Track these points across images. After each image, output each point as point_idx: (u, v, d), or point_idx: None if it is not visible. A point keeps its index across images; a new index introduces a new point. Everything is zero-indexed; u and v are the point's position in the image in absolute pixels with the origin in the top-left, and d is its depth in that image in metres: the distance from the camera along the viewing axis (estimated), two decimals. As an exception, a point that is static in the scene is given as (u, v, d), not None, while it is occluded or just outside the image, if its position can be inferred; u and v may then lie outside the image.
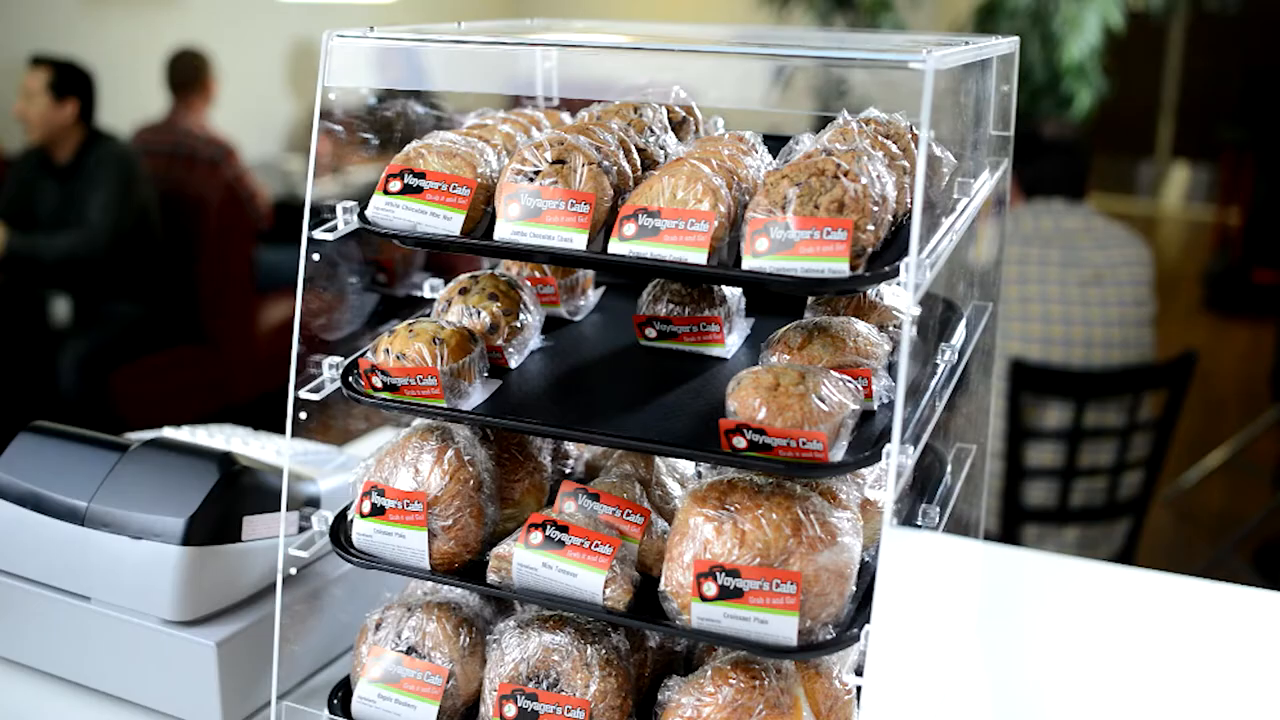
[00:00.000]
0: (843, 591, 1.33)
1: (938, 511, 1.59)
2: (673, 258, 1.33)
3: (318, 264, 1.54)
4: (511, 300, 1.56)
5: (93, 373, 5.19)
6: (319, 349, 1.57)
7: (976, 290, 1.81)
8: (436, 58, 1.62)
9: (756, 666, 1.38)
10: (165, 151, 5.81)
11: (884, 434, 1.35)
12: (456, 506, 1.45)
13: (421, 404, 1.44)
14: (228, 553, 1.61)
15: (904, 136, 1.51)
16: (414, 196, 1.44)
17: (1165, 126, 12.67)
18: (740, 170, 1.42)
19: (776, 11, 7.10)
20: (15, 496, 1.70)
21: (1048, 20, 6.34)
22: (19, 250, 5.00)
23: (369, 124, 1.81)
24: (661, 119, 1.57)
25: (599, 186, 1.39)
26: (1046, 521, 3.92)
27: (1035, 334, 3.89)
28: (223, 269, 5.62)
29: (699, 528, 1.33)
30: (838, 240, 1.27)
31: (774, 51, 1.49)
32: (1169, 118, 12.62)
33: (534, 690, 1.43)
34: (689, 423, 1.42)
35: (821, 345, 1.46)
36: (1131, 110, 11.54)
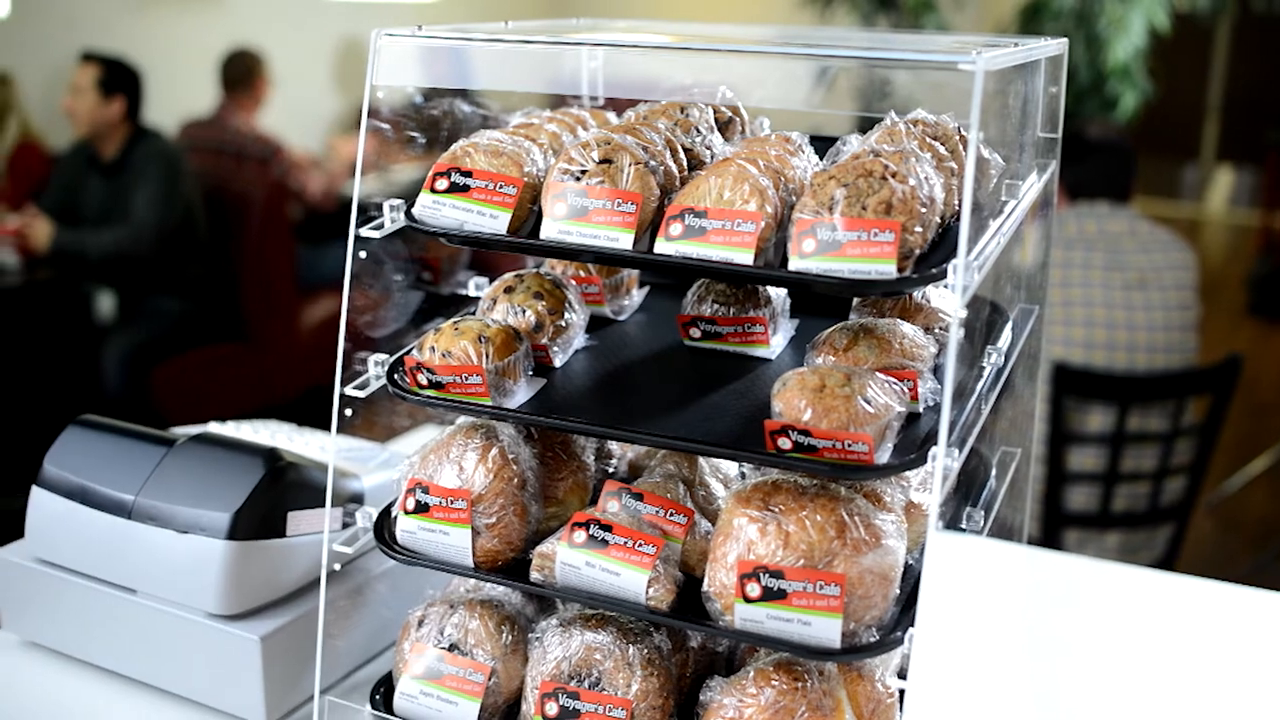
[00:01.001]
0: (886, 594, 1.33)
1: (982, 515, 1.58)
2: (719, 258, 1.33)
3: (364, 262, 1.55)
4: (556, 299, 1.57)
5: (136, 368, 5.23)
6: (364, 346, 1.58)
7: (1023, 293, 1.80)
8: (484, 57, 1.62)
9: (799, 668, 1.37)
10: (212, 148, 5.85)
11: (929, 437, 1.35)
12: (500, 504, 1.45)
13: (466, 402, 1.44)
14: (272, 548, 1.62)
15: (952, 138, 1.50)
16: (461, 195, 1.45)
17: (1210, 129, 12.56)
18: (787, 171, 1.41)
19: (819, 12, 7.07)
20: (64, 490, 1.72)
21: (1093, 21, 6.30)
22: (65, 246, 5.05)
23: (415, 122, 1.81)
24: (708, 119, 1.57)
25: (645, 186, 1.39)
26: (1088, 526, 3.89)
27: (1078, 338, 3.86)
28: (265, 266, 5.65)
29: (743, 528, 1.33)
30: (885, 242, 1.27)
31: (822, 52, 1.48)
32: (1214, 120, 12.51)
33: (576, 689, 1.43)
34: (733, 423, 1.42)
35: (867, 347, 1.45)
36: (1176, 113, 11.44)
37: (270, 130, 6.23)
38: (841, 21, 7.12)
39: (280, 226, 5.67)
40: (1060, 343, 3.88)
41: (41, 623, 1.78)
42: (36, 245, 5.00)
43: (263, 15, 7.30)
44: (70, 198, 5.29)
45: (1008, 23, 6.89)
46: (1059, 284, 3.89)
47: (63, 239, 5.05)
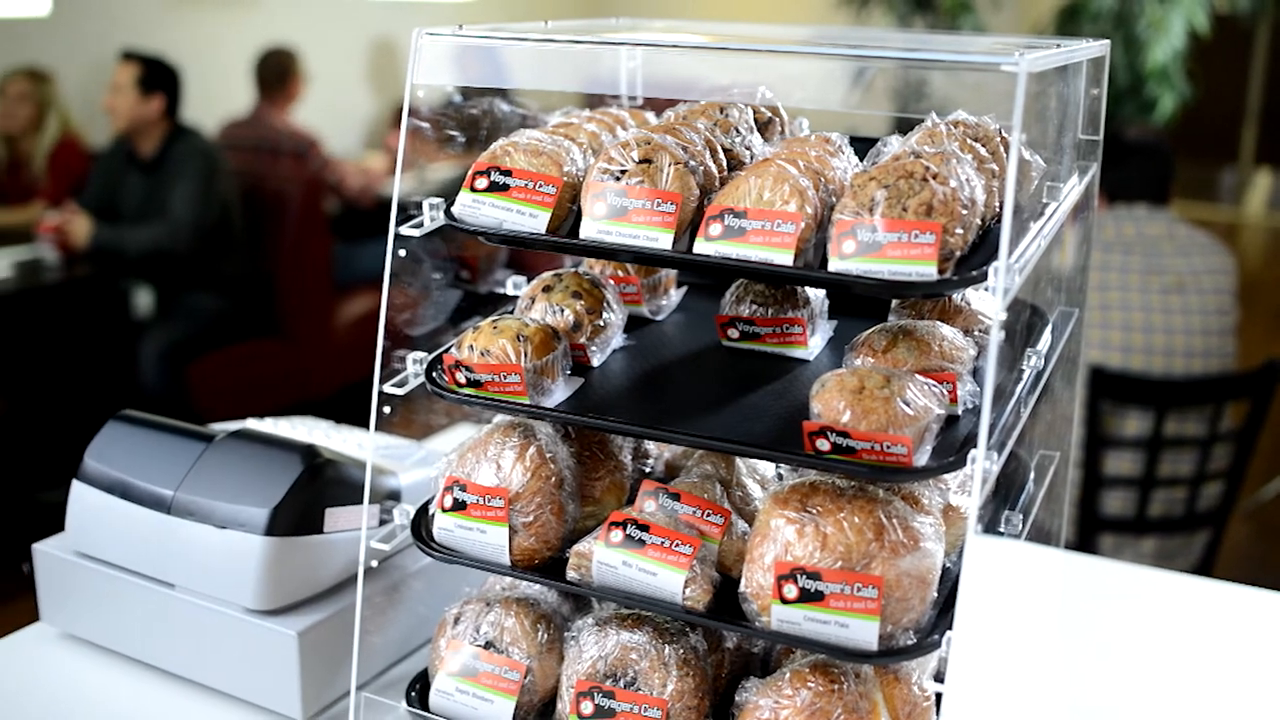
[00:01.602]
0: (924, 597, 1.32)
1: (1020, 519, 1.57)
2: (758, 259, 1.33)
3: (403, 260, 1.55)
4: (595, 299, 1.57)
5: (173, 364, 5.27)
6: (403, 344, 1.58)
7: (1063, 295, 1.79)
8: (523, 56, 1.63)
9: (835, 670, 1.37)
10: (250, 146, 5.89)
11: (968, 439, 1.34)
12: (538, 503, 1.45)
13: (505, 400, 1.44)
14: (310, 544, 1.62)
15: (993, 139, 1.49)
16: (500, 194, 1.45)
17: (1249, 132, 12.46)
18: (827, 172, 1.41)
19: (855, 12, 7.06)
20: (104, 484, 1.73)
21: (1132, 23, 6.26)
22: (104, 243, 5.09)
23: (454, 121, 1.82)
24: (748, 119, 1.57)
25: (685, 186, 1.39)
26: (1124, 531, 3.86)
27: (1115, 341, 3.84)
28: (302, 263, 5.68)
29: (780, 529, 1.32)
30: (925, 243, 1.26)
31: (864, 53, 1.48)
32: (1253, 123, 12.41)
33: (611, 688, 1.43)
34: (771, 424, 1.41)
35: (906, 349, 1.45)
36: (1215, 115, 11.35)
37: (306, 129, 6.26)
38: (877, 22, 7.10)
39: (317, 224, 5.70)
40: (1097, 346, 3.86)
41: (80, 615, 1.80)
42: (76, 241, 5.04)
43: (299, 15, 7.34)
44: (109, 195, 5.34)
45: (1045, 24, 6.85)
46: (1096, 287, 3.86)
47: (102, 235, 5.09)
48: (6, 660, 1.79)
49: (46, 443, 5.20)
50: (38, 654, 1.80)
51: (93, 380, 5.31)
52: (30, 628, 1.86)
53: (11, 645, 1.82)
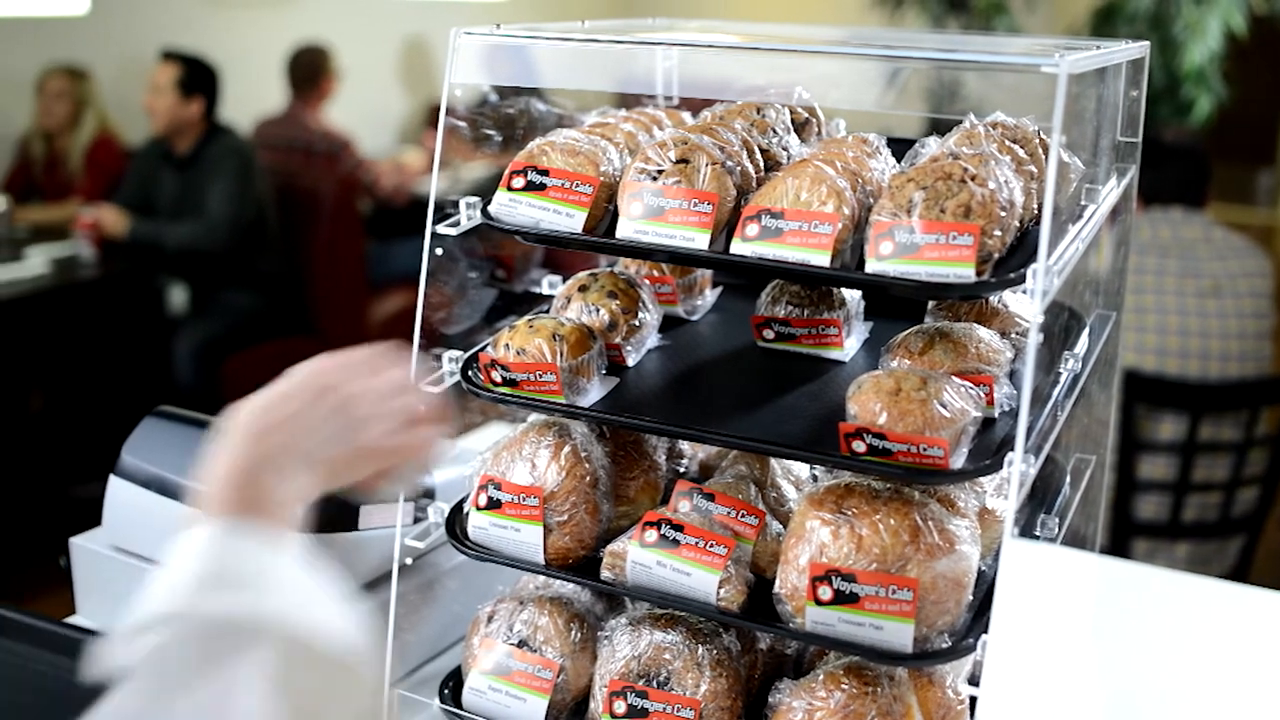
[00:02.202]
0: (960, 600, 1.31)
1: (1056, 522, 1.56)
2: (795, 259, 1.33)
3: (439, 258, 1.56)
4: (630, 298, 1.57)
5: (207, 361, 5.29)
6: (438, 342, 1.59)
7: (1100, 299, 1.78)
8: (560, 56, 1.63)
9: (869, 672, 1.37)
10: (283, 145, 5.91)
11: (1005, 442, 1.34)
12: (572, 502, 1.45)
13: (540, 400, 1.45)
14: (344, 541, 1.63)
15: (1031, 141, 1.49)
16: (537, 193, 1.45)
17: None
18: (864, 173, 1.41)
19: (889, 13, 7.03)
20: (141, 479, 1.74)
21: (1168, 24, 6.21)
22: (141, 237, 5.12)
23: (490, 120, 1.82)
24: (784, 120, 1.57)
25: (722, 187, 1.39)
26: (1157, 536, 3.84)
27: (1150, 344, 3.81)
28: (335, 261, 5.70)
29: (815, 531, 1.32)
30: (964, 245, 1.26)
31: (903, 54, 1.47)
32: (1290, 126, 12.29)
33: (644, 688, 1.43)
34: (806, 425, 1.41)
35: (943, 351, 1.44)
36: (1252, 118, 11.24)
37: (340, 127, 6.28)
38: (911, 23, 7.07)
39: (350, 222, 5.72)
40: (1132, 349, 3.83)
41: (116, 609, 1.80)
42: (114, 233, 5.07)
43: (333, 13, 7.36)
44: (144, 192, 5.37)
45: (1080, 25, 6.81)
46: (1132, 290, 3.84)
47: (139, 230, 5.12)
48: (43, 653, 1.80)
49: (81, 438, 5.24)
50: (74, 647, 1.81)
51: (127, 376, 5.34)
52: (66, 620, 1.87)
53: (48, 638, 1.83)
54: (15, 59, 5.81)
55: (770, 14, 9.14)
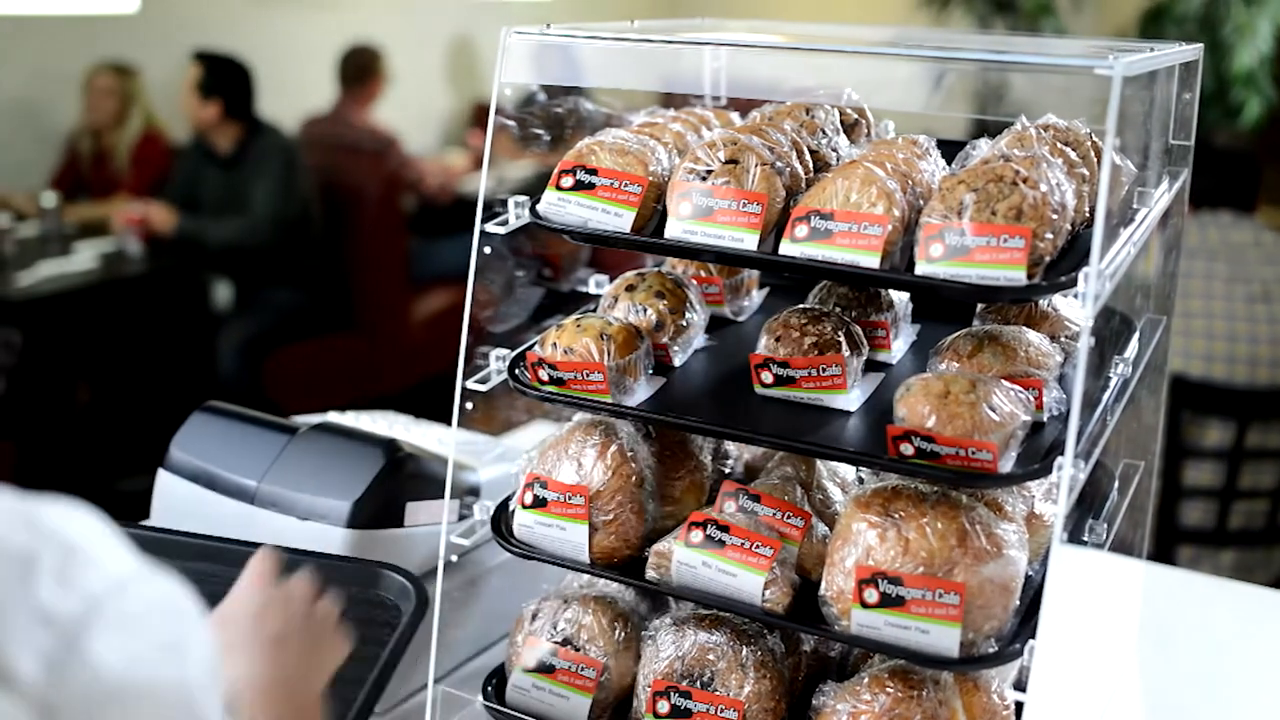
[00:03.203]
0: (1007, 605, 1.31)
1: (1104, 528, 1.55)
2: (845, 261, 1.32)
3: (486, 257, 1.56)
4: (678, 299, 1.57)
5: (251, 357, 5.33)
6: (484, 340, 1.59)
7: (1151, 303, 1.76)
8: (609, 56, 1.63)
9: (914, 676, 1.36)
10: (329, 143, 5.94)
11: (1054, 447, 1.33)
12: (618, 502, 1.45)
13: (587, 399, 1.45)
14: (390, 537, 1.64)
15: (1083, 144, 1.48)
16: (586, 193, 1.45)
17: (1336, 139, 12.20)
18: (914, 174, 1.40)
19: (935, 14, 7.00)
20: (189, 474, 1.76)
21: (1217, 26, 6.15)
22: (187, 233, 5.16)
23: (538, 120, 1.83)
24: (834, 121, 1.56)
25: (771, 187, 1.39)
26: (1203, 543, 3.80)
27: (1198, 350, 3.77)
28: (378, 259, 5.73)
29: (862, 533, 1.32)
30: (1015, 248, 1.25)
31: (954, 55, 1.46)
32: (1340, 130, 12.14)
33: (688, 688, 1.43)
34: (853, 427, 1.41)
35: (992, 354, 1.43)
36: (1301, 121, 11.11)
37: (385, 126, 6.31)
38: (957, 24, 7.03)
39: (394, 220, 5.74)
40: (1179, 355, 3.80)
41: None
42: (161, 229, 5.11)
43: (380, 12, 7.40)
44: (190, 190, 5.41)
45: (1128, 26, 6.76)
46: (1179, 294, 3.79)
47: (185, 227, 5.16)
48: (92, 645, 1.82)
49: (127, 431, 5.28)
50: (122, 639, 1.82)
51: (172, 371, 5.39)
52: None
53: (96, 630, 1.85)
54: (65, 56, 5.87)
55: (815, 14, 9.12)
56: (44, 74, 5.88)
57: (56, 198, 5.36)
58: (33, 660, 0.72)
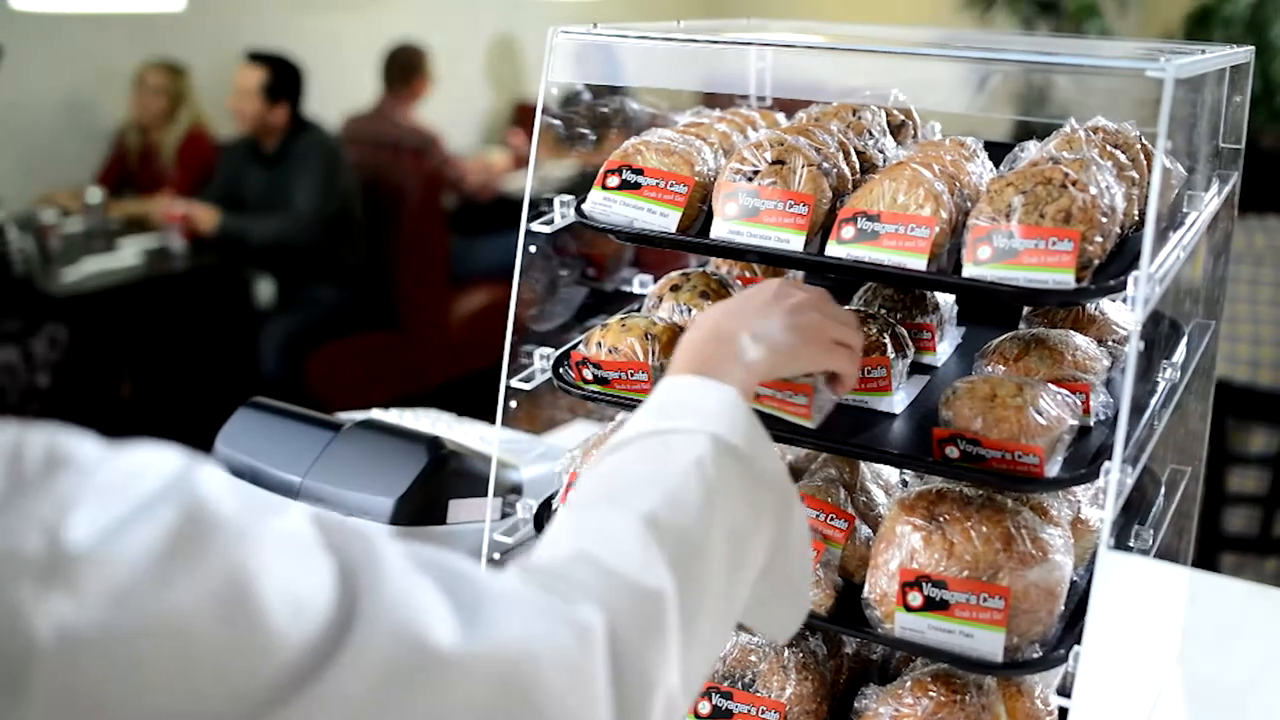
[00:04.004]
0: (1052, 610, 1.30)
1: (1151, 534, 1.54)
2: (891, 262, 1.32)
3: (530, 256, 1.56)
4: (722, 299, 1.57)
5: (292, 353, 5.37)
6: (528, 339, 1.60)
7: (1200, 307, 1.75)
8: (655, 55, 1.63)
9: (957, 680, 1.35)
10: (372, 140, 5.97)
11: (1101, 451, 1.32)
12: (661, 501, 1.45)
13: (631, 398, 1.45)
14: (433, 534, 1.64)
15: (1133, 146, 1.47)
16: (632, 192, 1.45)
17: (1385, 143, 12.05)
18: (962, 176, 1.39)
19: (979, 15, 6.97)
20: (233, 469, 1.77)
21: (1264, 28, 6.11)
22: (230, 231, 5.20)
23: (582, 119, 1.83)
24: (880, 122, 1.56)
25: (818, 188, 1.38)
26: (1246, 551, 3.76)
27: (1243, 355, 3.74)
28: (419, 257, 5.75)
29: (906, 536, 1.31)
30: (1063, 251, 1.24)
31: (1003, 57, 1.46)
32: (1389, 133, 12.00)
33: (730, 689, 1.43)
34: (898, 429, 1.40)
35: (1038, 358, 1.43)
36: (1349, 125, 10.98)
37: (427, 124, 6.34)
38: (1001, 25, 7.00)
39: (435, 218, 5.77)
40: (1224, 360, 3.76)
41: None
42: (203, 229, 5.15)
43: (422, 11, 7.43)
44: (233, 187, 5.45)
45: (1174, 29, 6.71)
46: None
47: (228, 224, 5.20)
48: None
49: (169, 427, 5.33)
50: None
51: (214, 367, 5.43)
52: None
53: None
54: (112, 53, 5.92)
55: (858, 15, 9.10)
56: (90, 71, 5.93)
57: (102, 194, 5.41)
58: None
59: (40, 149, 5.81)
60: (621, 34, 1.53)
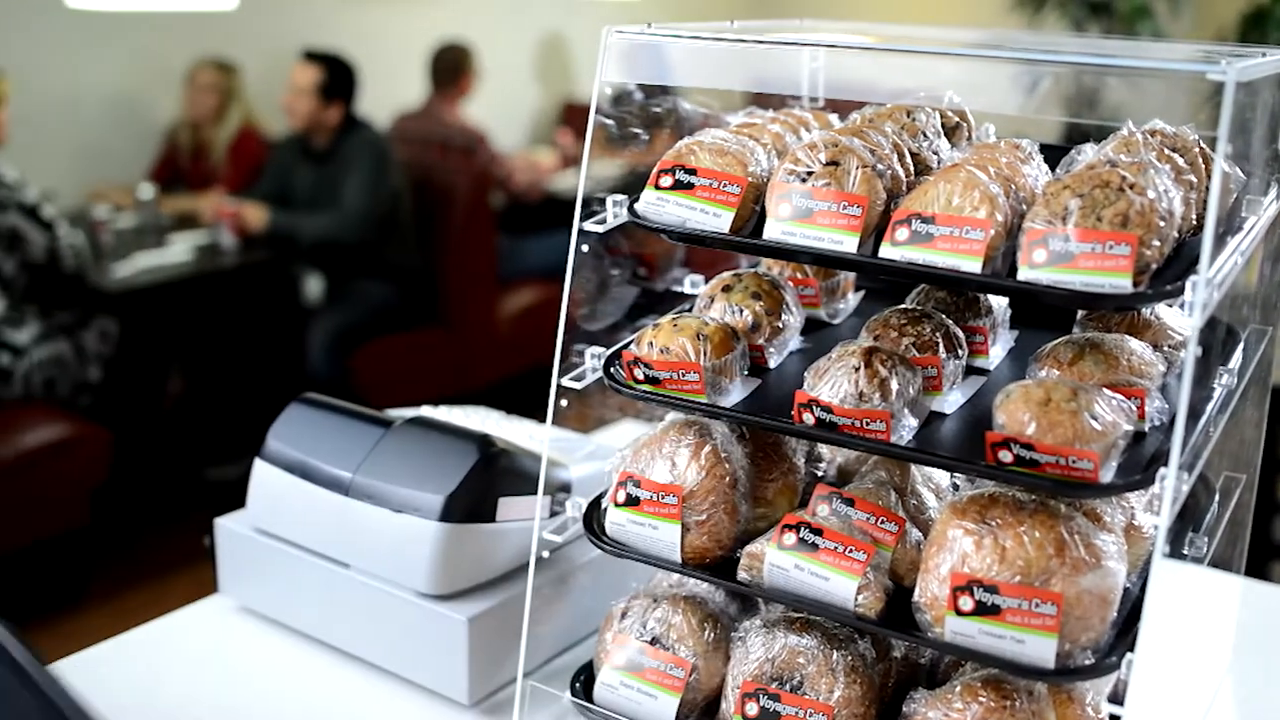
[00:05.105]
0: (1105, 617, 1.29)
1: (1205, 541, 1.52)
2: (946, 265, 1.31)
3: (582, 255, 1.57)
4: (774, 300, 1.56)
5: (340, 350, 5.40)
6: (579, 338, 1.60)
7: (1257, 313, 1.73)
8: (707, 55, 1.63)
9: (1008, 686, 1.34)
10: (420, 139, 6.00)
11: (1156, 457, 1.31)
12: (711, 502, 1.45)
13: (682, 398, 1.45)
14: (483, 532, 1.65)
15: (1191, 150, 1.45)
16: (685, 193, 1.45)
17: None
18: (1017, 179, 1.38)
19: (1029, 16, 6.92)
20: (285, 464, 1.78)
21: (1321, 30, 6.03)
22: (280, 228, 5.24)
23: (634, 119, 1.83)
24: (935, 124, 1.55)
25: (872, 190, 1.38)
26: (1298, 559, 3.73)
27: (1296, 361, 3.69)
28: (466, 255, 5.77)
29: (957, 540, 1.31)
30: (1121, 255, 1.23)
31: (1062, 59, 1.44)
32: None
33: (777, 691, 1.43)
34: (949, 432, 1.40)
35: (1093, 362, 1.41)
36: (1406, 129, 10.83)
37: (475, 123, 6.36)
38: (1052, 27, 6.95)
39: (483, 217, 5.79)
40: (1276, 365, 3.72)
41: (256, 590, 1.86)
42: (253, 227, 5.19)
43: (470, 10, 7.46)
44: (283, 184, 5.49)
45: (1228, 31, 6.64)
46: (1277, 304, 3.72)
47: (278, 221, 5.24)
48: (187, 630, 1.85)
49: (216, 422, 5.37)
50: (216, 625, 1.86)
51: (262, 363, 5.47)
52: (209, 599, 1.92)
53: (193, 615, 1.89)
54: (164, 51, 5.98)
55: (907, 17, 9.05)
56: (143, 68, 5.99)
57: (154, 190, 5.46)
58: None
59: (93, 145, 5.88)
60: (675, 34, 1.53)
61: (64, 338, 4.54)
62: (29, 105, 5.38)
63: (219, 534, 1.87)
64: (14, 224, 4.35)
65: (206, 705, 1.68)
